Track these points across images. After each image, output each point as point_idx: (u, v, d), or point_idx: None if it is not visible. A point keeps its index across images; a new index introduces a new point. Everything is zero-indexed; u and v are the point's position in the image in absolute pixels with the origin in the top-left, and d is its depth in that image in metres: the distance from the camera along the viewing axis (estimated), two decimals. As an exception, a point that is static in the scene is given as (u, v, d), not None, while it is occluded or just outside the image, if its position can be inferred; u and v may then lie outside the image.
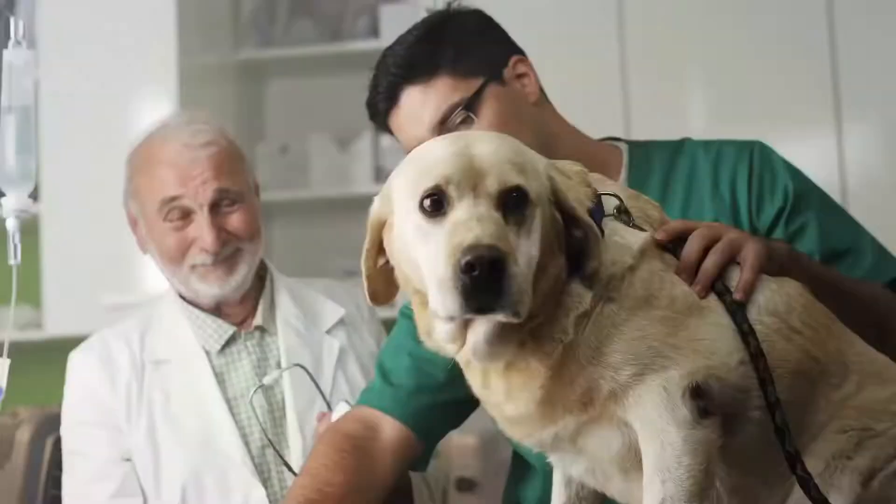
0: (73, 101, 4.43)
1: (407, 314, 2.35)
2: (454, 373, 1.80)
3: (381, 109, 2.34)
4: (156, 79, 4.40)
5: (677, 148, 2.43)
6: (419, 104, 2.28)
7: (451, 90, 2.27)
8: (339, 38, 5.04)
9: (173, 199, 2.65)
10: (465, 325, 1.64)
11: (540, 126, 2.33)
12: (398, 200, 1.65)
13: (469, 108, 2.26)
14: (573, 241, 1.66)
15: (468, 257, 1.49)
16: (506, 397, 1.69)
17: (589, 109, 2.71)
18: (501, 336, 1.62)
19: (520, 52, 2.41)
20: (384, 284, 1.74)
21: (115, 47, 4.42)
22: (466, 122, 2.26)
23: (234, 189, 2.69)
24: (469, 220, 1.55)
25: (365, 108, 2.40)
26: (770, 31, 4.29)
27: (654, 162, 2.40)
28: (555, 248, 1.64)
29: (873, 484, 1.68)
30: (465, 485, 3.90)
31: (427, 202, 1.59)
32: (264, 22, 5.11)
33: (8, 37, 1.91)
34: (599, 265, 1.64)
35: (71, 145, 4.41)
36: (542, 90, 2.40)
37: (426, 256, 1.57)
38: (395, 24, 4.70)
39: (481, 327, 1.62)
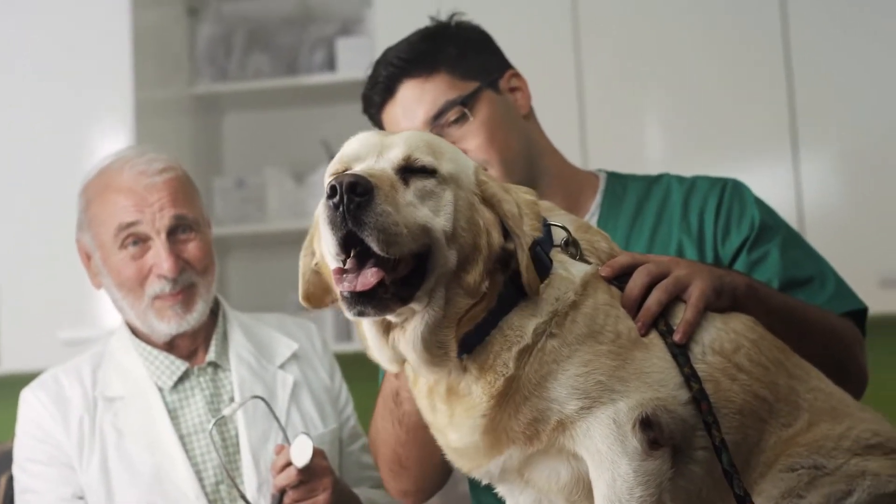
0: (29, 135, 4.39)
1: None
2: None
3: (376, 101, 2.37)
4: (111, 112, 4.37)
5: (654, 180, 2.49)
6: (416, 97, 2.32)
7: (449, 87, 2.32)
8: (296, 71, 5.04)
9: (130, 224, 2.62)
10: (387, 329, 1.65)
11: (528, 138, 2.40)
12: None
13: (465, 104, 2.30)
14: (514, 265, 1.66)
15: (332, 182, 1.51)
16: (449, 423, 1.70)
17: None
18: (431, 337, 1.62)
19: (514, 69, 2.46)
20: (318, 288, 1.78)
21: (70, 80, 4.39)
22: (461, 120, 2.31)
23: (190, 216, 2.68)
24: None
25: (321, 144, 2.40)
26: (726, 60, 4.34)
27: (630, 191, 2.46)
28: (480, 242, 1.63)
29: (827, 522, 1.68)
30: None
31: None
32: (220, 55, 5.09)
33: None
34: (531, 277, 1.64)
35: (26, 179, 4.37)
36: (531, 109, 2.44)
37: None
38: (352, 57, 4.72)
39: (407, 330, 1.62)
